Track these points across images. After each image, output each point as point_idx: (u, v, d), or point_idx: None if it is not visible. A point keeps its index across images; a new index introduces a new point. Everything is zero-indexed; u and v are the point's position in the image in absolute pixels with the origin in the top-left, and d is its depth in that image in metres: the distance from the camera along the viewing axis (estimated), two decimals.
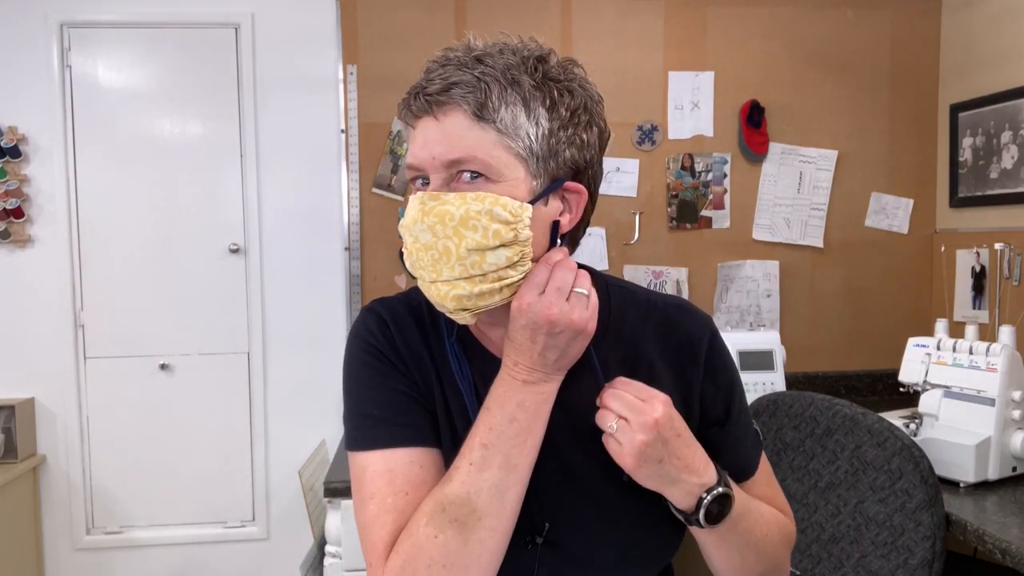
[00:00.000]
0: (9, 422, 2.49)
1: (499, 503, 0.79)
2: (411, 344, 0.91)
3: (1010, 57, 2.41)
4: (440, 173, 0.81)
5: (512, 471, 0.80)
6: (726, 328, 2.66)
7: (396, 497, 0.83)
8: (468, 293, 0.80)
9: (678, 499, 0.84)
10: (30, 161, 2.54)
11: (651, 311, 0.94)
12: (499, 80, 0.81)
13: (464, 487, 0.79)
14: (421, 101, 0.82)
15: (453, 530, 0.78)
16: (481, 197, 0.79)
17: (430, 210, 0.79)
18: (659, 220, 2.69)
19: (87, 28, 2.54)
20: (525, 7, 2.60)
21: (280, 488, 2.68)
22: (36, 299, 2.57)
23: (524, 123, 0.82)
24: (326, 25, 2.59)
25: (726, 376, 0.95)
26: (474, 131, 0.80)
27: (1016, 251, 2.36)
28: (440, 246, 0.79)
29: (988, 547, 1.47)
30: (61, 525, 2.62)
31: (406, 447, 0.85)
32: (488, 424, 0.81)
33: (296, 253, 2.65)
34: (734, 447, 0.94)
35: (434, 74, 0.82)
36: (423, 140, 0.82)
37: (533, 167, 0.82)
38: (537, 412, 0.82)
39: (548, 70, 0.84)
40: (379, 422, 0.87)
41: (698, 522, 0.84)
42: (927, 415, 1.88)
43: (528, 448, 0.81)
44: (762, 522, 0.92)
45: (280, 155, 2.62)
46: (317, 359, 2.63)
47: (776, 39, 2.69)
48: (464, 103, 0.80)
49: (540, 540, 0.87)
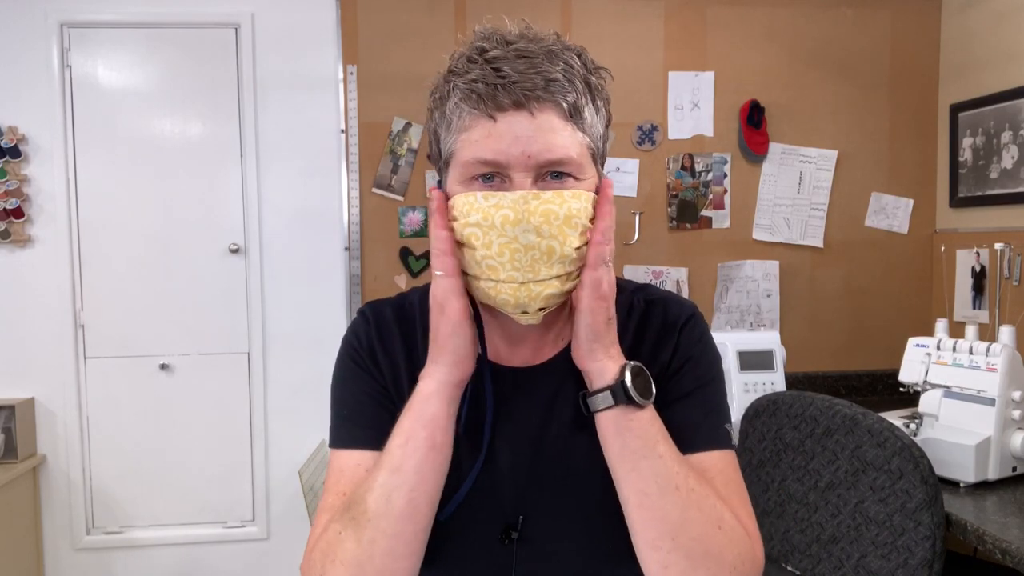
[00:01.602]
0: (9, 422, 2.49)
1: (386, 505, 0.80)
2: (389, 348, 0.92)
3: (1010, 57, 2.41)
4: (529, 172, 0.79)
5: (396, 473, 0.80)
6: (726, 328, 2.67)
7: (336, 497, 0.86)
8: (559, 291, 0.81)
9: (605, 370, 0.82)
10: (30, 161, 2.54)
11: (634, 309, 0.94)
12: (579, 77, 0.81)
13: (363, 486, 0.82)
14: (515, 94, 0.77)
15: (351, 528, 0.80)
16: (578, 195, 0.80)
17: (535, 210, 0.77)
18: (659, 220, 2.69)
19: (87, 28, 2.54)
20: (525, 7, 2.60)
21: (280, 488, 2.68)
22: (36, 299, 2.57)
23: (596, 123, 0.84)
24: (326, 25, 2.59)
25: (698, 358, 0.91)
26: (567, 130, 0.80)
27: (1016, 251, 2.36)
28: (544, 245, 0.78)
29: (988, 547, 1.47)
30: (61, 525, 2.62)
31: (359, 449, 0.88)
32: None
33: (296, 253, 2.65)
34: (683, 422, 0.87)
35: (513, 65, 0.77)
36: (512, 135, 0.78)
37: (598, 165, 0.86)
38: (416, 413, 0.82)
39: (592, 67, 0.84)
40: (345, 422, 0.91)
41: (624, 391, 0.80)
42: (927, 415, 1.88)
43: (409, 451, 0.81)
44: (690, 473, 0.82)
45: (280, 155, 2.62)
46: (317, 359, 2.63)
47: (776, 39, 2.69)
48: (563, 100, 0.79)
49: (515, 535, 0.87)
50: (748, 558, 0.83)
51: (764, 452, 1.82)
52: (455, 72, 0.81)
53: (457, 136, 0.81)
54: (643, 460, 0.80)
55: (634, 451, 0.81)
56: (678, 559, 0.79)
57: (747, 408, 1.88)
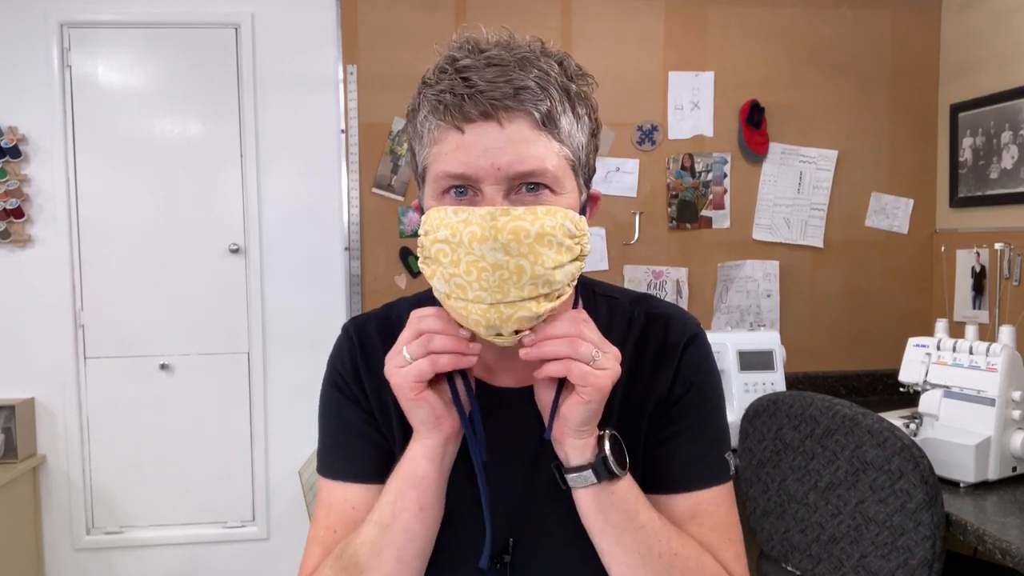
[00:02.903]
0: (9, 422, 2.49)
1: (376, 560, 0.81)
2: (373, 366, 0.90)
3: (1010, 57, 2.41)
4: (500, 185, 0.75)
5: (385, 531, 0.81)
6: (726, 328, 2.66)
7: (327, 532, 0.88)
8: (532, 315, 0.75)
9: (583, 447, 0.79)
10: (30, 161, 2.54)
11: (633, 325, 0.90)
12: (555, 85, 0.76)
13: (355, 537, 0.83)
14: (482, 104, 0.73)
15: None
16: (552, 211, 0.75)
17: (503, 227, 0.72)
18: (659, 220, 2.69)
19: (87, 28, 2.54)
20: (525, 7, 2.60)
21: (280, 488, 2.68)
22: (36, 299, 2.57)
23: (576, 133, 0.79)
24: (326, 25, 2.59)
25: (700, 385, 0.88)
26: (540, 140, 0.75)
27: (1016, 251, 2.36)
28: (512, 265, 0.73)
29: (988, 547, 1.47)
30: (61, 525, 2.62)
31: (344, 482, 0.89)
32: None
33: (296, 253, 2.65)
34: (683, 458, 0.86)
35: (481, 74, 0.74)
36: (480, 147, 0.74)
37: (580, 177, 0.81)
38: (408, 473, 0.81)
39: (574, 73, 0.79)
40: (330, 451, 0.92)
41: (606, 466, 0.78)
42: (927, 415, 1.88)
43: (398, 510, 0.80)
44: (673, 537, 0.82)
45: (280, 155, 2.62)
46: (317, 359, 2.59)
47: (776, 39, 2.69)
48: (534, 109, 0.74)
49: (508, 559, 0.86)
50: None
51: (764, 452, 1.82)
52: (427, 83, 0.79)
53: (429, 149, 0.78)
54: (625, 533, 0.80)
55: (616, 525, 0.80)
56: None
57: (747, 408, 1.88)
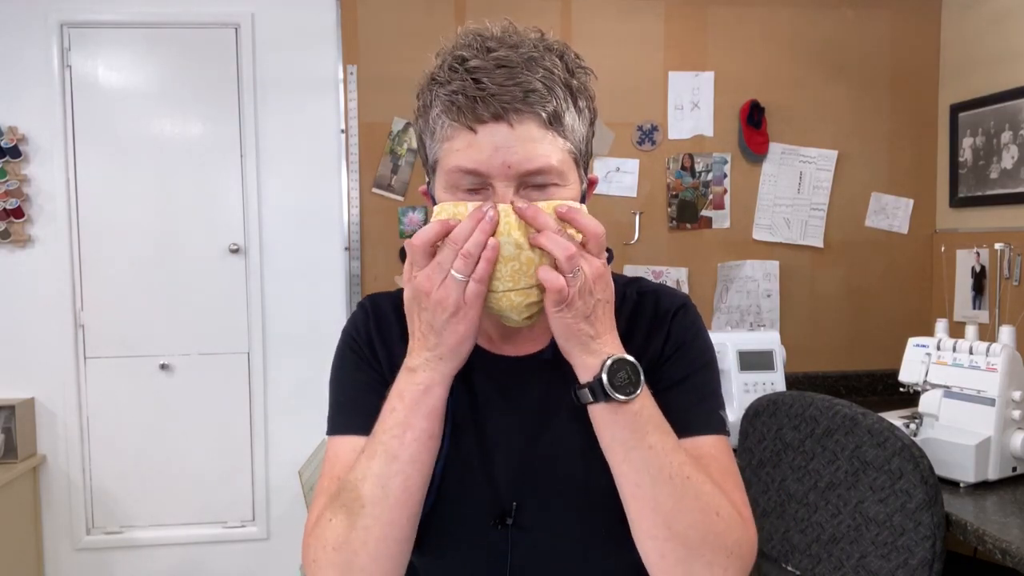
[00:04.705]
0: (9, 422, 2.49)
1: (381, 492, 0.81)
2: (387, 339, 0.94)
3: (1010, 57, 2.41)
4: (511, 182, 0.80)
5: (393, 461, 0.81)
6: (726, 328, 2.66)
7: (331, 481, 0.88)
8: (539, 300, 0.80)
9: (586, 366, 0.80)
10: (30, 161, 2.54)
11: (626, 301, 0.94)
12: (560, 83, 0.81)
13: (354, 474, 0.83)
14: (494, 106, 0.78)
15: (342, 515, 0.82)
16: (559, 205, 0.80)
17: (515, 222, 0.78)
18: (659, 220, 2.69)
19: (87, 28, 2.54)
20: (525, 7, 2.60)
21: (280, 488, 2.68)
22: (36, 299, 2.57)
23: (578, 126, 0.84)
24: (326, 25, 2.59)
25: (690, 344, 0.92)
26: (548, 138, 0.80)
27: (1016, 251, 2.36)
28: (523, 257, 0.78)
29: (988, 547, 1.47)
30: (61, 525, 2.62)
31: (353, 435, 0.89)
32: (381, 413, 0.84)
33: (296, 253, 2.65)
34: (677, 408, 0.87)
35: (492, 76, 0.79)
36: (492, 146, 0.79)
37: (581, 168, 0.86)
38: (415, 404, 0.81)
39: (574, 67, 0.84)
40: (342, 409, 0.94)
41: (602, 388, 0.79)
42: (927, 415, 1.88)
43: (408, 441, 0.81)
44: (685, 461, 0.82)
45: (280, 155, 2.62)
46: (317, 359, 2.60)
47: (776, 39, 2.69)
48: (541, 110, 0.79)
49: (510, 521, 0.88)
50: (745, 543, 0.84)
51: (764, 452, 1.82)
52: (437, 81, 0.83)
53: (441, 145, 0.83)
54: (632, 451, 0.80)
55: (623, 442, 0.81)
56: (675, 547, 0.80)
57: (747, 408, 1.88)
